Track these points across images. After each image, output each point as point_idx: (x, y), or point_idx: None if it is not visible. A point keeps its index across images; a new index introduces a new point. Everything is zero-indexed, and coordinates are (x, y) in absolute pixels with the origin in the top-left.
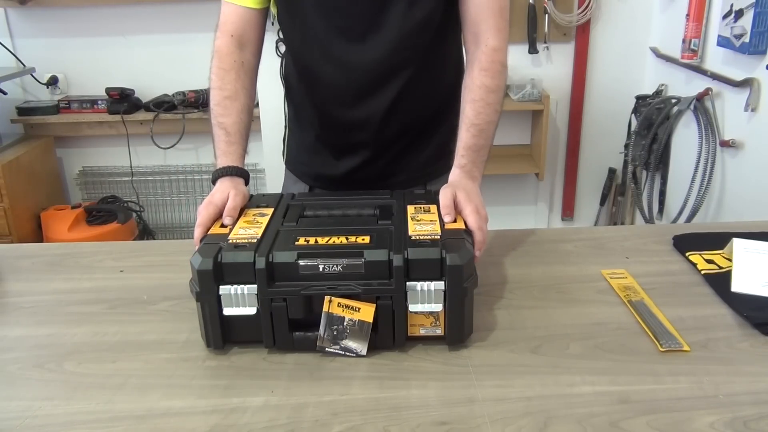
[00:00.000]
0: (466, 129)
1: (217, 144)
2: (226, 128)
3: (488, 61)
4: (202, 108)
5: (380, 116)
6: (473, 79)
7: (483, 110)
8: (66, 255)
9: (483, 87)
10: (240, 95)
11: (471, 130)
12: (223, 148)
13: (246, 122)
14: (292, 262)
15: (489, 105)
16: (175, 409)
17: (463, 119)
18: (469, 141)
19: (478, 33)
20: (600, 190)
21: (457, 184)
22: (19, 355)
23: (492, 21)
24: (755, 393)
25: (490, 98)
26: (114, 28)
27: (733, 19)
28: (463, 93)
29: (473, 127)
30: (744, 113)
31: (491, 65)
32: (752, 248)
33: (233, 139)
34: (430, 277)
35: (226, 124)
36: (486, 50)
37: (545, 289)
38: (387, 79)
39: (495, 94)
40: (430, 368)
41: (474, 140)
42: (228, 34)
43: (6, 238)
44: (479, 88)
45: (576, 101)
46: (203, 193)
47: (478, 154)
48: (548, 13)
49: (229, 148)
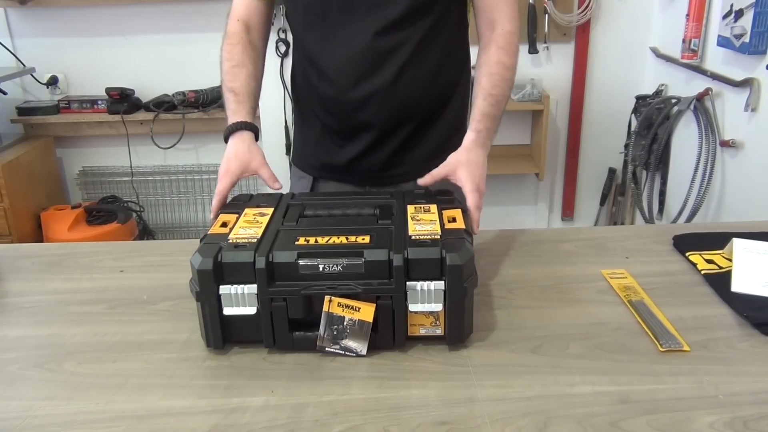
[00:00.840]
0: (483, 98)
1: (227, 107)
2: (235, 90)
3: (506, 42)
4: (202, 108)
5: (381, 96)
6: (490, 56)
7: (499, 83)
8: (66, 255)
9: (500, 63)
10: (247, 64)
11: (488, 99)
12: (233, 107)
13: (253, 87)
14: (292, 261)
15: (505, 80)
16: (175, 409)
17: (478, 90)
18: (486, 109)
19: (494, 19)
20: (600, 190)
21: (466, 155)
22: (19, 355)
23: (507, 9)
24: (755, 393)
25: (506, 74)
26: (114, 28)
27: (733, 19)
28: (479, 69)
29: (490, 97)
30: (744, 113)
31: (508, 46)
32: (752, 248)
33: (241, 98)
34: (430, 276)
35: (234, 87)
36: (503, 33)
37: (545, 289)
38: (387, 57)
39: (510, 72)
40: (430, 368)
41: (491, 109)
42: (235, 19)
43: (6, 238)
44: (496, 63)
45: (576, 101)
46: (203, 193)
47: (493, 123)
48: (548, 13)
49: (238, 107)
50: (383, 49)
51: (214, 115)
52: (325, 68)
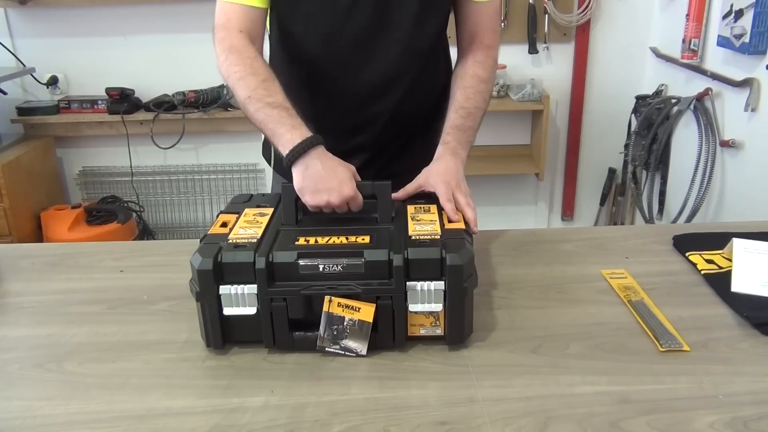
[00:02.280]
0: (454, 110)
1: (278, 123)
2: (282, 104)
3: (483, 55)
4: (202, 108)
5: (383, 120)
6: (466, 69)
7: (473, 96)
8: (66, 255)
9: (475, 76)
10: (276, 79)
11: (459, 112)
12: (290, 122)
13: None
14: (292, 262)
15: (479, 93)
16: (175, 409)
17: (452, 103)
18: (456, 121)
19: (475, 32)
20: (600, 190)
21: (435, 165)
22: (19, 355)
23: (489, 23)
24: (755, 393)
25: (481, 87)
26: (114, 28)
27: (733, 19)
28: (454, 81)
29: (462, 110)
30: (744, 113)
31: (485, 59)
32: (752, 248)
33: (293, 113)
34: (430, 277)
35: (279, 101)
36: (482, 47)
37: (545, 289)
38: (391, 85)
39: (485, 85)
40: (430, 368)
41: (461, 121)
42: (237, 30)
43: (6, 238)
44: (471, 77)
45: (576, 101)
46: (203, 193)
47: (464, 134)
48: (548, 13)
49: (297, 120)
50: (387, 80)
51: (214, 115)
52: (326, 93)
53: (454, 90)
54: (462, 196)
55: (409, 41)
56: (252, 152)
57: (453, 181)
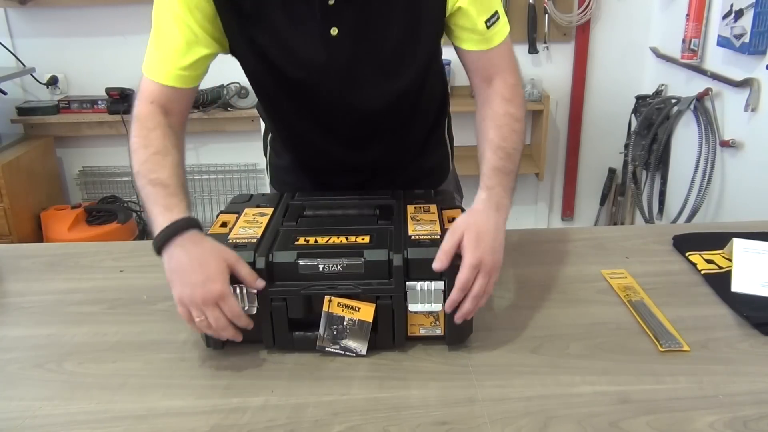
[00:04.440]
0: (492, 151)
1: (153, 203)
2: (163, 182)
3: (511, 93)
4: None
5: (371, 160)
6: (495, 108)
7: (509, 135)
8: (66, 255)
9: (508, 114)
10: (171, 151)
11: (498, 153)
12: (164, 202)
13: (183, 178)
14: (292, 261)
15: (515, 132)
16: (175, 409)
17: (487, 144)
18: (497, 162)
19: (492, 76)
20: (600, 190)
21: (474, 218)
22: (19, 355)
23: (505, 63)
24: (755, 393)
25: (516, 126)
26: (114, 28)
27: (733, 19)
28: (485, 123)
29: (500, 150)
30: (744, 113)
31: (514, 97)
32: (752, 248)
33: (173, 191)
34: (430, 277)
35: (161, 178)
36: (507, 85)
37: (545, 289)
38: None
39: (520, 123)
40: (430, 368)
41: (502, 162)
42: (148, 101)
43: (6, 238)
44: (504, 115)
45: (576, 101)
46: (203, 193)
47: (507, 178)
48: (548, 13)
49: (172, 201)
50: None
51: (214, 115)
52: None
53: (487, 130)
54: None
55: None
56: (252, 152)
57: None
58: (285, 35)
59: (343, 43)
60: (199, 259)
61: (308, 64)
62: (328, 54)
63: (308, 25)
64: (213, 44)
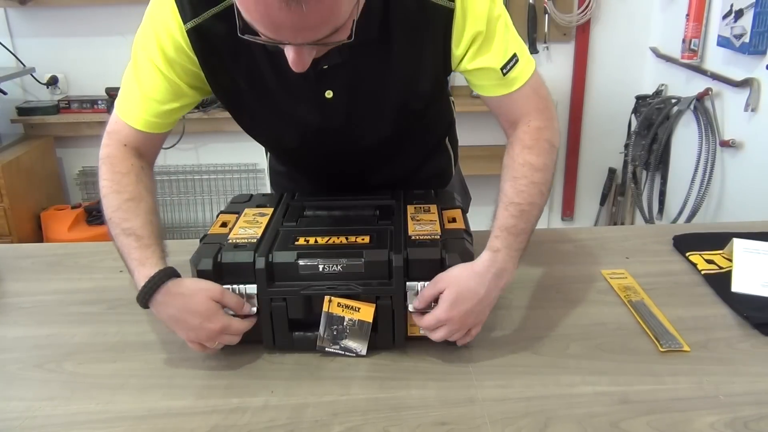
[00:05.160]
0: (504, 207)
1: (128, 256)
2: (135, 232)
3: (532, 139)
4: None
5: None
6: (514, 157)
7: (526, 189)
8: (66, 255)
9: (526, 164)
10: (144, 196)
11: (510, 209)
12: (138, 255)
13: (157, 225)
14: (291, 262)
15: (534, 184)
16: (175, 409)
17: (500, 198)
18: (506, 221)
19: (516, 120)
20: (600, 190)
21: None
22: (19, 355)
23: (530, 106)
24: (755, 393)
25: (536, 177)
26: (114, 28)
27: (733, 19)
28: (503, 173)
29: (512, 206)
30: (744, 113)
31: (536, 143)
32: (752, 248)
33: (147, 241)
34: (430, 277)
35: (133, 227)
36: (529, 129)
37: (545, 289)
38: (380, 160)
39: (541, 174)
40: (430, 368)
41: (513, 221)
42: (121, 144)
43: (6, 238)
44: (522, 165)
45: (576, 101)
46: (203, 194)
47: (516, 239)
48: (548, 13)
49: (146, 252)
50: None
51: (214, 115)
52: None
53: (503, 184)
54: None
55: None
56: (252, 152)
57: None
58: (278, 98)
59: (338, 104)
60: (185, 307)
61: (303, 125)
62: (324, 116)
63: (302, 89)
64: (193, 94)
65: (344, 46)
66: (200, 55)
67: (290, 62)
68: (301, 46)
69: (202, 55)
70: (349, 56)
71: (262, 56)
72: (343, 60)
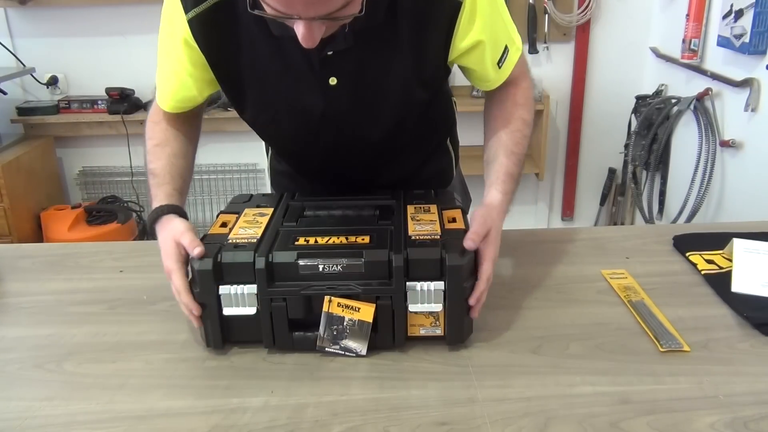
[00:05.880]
0: (506, 155)
1: (149, 192)
2: (155, 173)
3: (524, 97)
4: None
5: (372, 176)
6: (509, 112)
7: (521, 141)
8: (66, 255)
9: (521, 119)
10: (171, 141)
11: (512, 158)
12: (153, 192)
13: (178, 165)
14: (291, 262)
15: (526, 138)
16: (175, 409)
17: (499, 147)
18: (511, 168)
19: (508, 84)
20: (600, 190)
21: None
22: (19, 355)
23: (518, 73)
24: (755, 393)
25: (527, 132)
26: (114, 28)
27: (733, 19)
28: (495, 122)
29: (513, 155)
30: (744, 113)
31: (527, 101)
32: (752, 248)
33: (161, 180)
34: (430, 277)
35: (155, 169)
36: (520, 89)
37: (545, 289)
38: (382, 154)
39: (530, 129)
40: (430, 368)
41: (515, 168)
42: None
43: (6, 238)
44: (518, 119)
45: (576, 101)
46: (203, 194)
47: (515, 185)
48: (548, 13)
49: (158, 190)
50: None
51: (214, 115)
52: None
53: (500, 133)
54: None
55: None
56: (252, 152)
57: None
58: (281, 87)
59: (342, 91)
60: (162, 241)
61: (307, 113)
62: (327, 104)
63: (306, 76)
64: (211, 79)
65: (349, 32)
66: (202, 45)
67: (300, 38)
68: (311, 21)
69: (204, 44)
70: (354, 42)
71: (265, 45)
72: (348, 46)
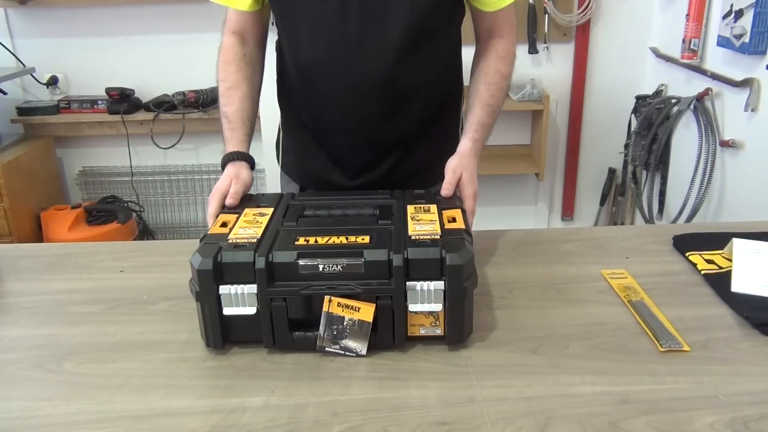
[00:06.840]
0: (480, 107)
1: (223, 133)
2: (228, 116)
3: (504, 50)
4: (202, 108)
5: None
6: (489, 65)
7: (497, 93)
8: (66, 255)
9: (498, 73)
10: (241, 84)
11: (485, 109)
12: (227, 135)
13: (248, 109)
14: (291, 261)
15: (501, 90)
16: (175, 409)
17: (476, 98)
18: (483, 118)
19: (493, 29)
20: (600, 190)
21: (465, 162)
22: (19, 355)
23: (506, 24)
24: (755, 393)
25: (503, 84)
26: (114, 28)
27: (733, 19)
28: (476, 75)
29: (487, 107)
30: (744, 113)
31: (507, 55)
32: (752, 248)
33: (234, 125)
34: (430, 277)
35: (228, 112)
36: (502, 42)
37: (545, 289)
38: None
39: (506, 82)
40: (430, 368)
41: (487, 118)
42: (230, 31)
43: (6, 238)
44: (495, 73)
45: (576, 101)
46: (203, 193)
47: (487, 132)
48: (548, 13)
49: (232, 134)
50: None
51: (214, 115)
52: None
53: (478, 85)
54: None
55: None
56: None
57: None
58: None
59: None
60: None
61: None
62: None
63: None
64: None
65: None
66: None
67: None
68: None
69: None
70: None
71: None
72: None
